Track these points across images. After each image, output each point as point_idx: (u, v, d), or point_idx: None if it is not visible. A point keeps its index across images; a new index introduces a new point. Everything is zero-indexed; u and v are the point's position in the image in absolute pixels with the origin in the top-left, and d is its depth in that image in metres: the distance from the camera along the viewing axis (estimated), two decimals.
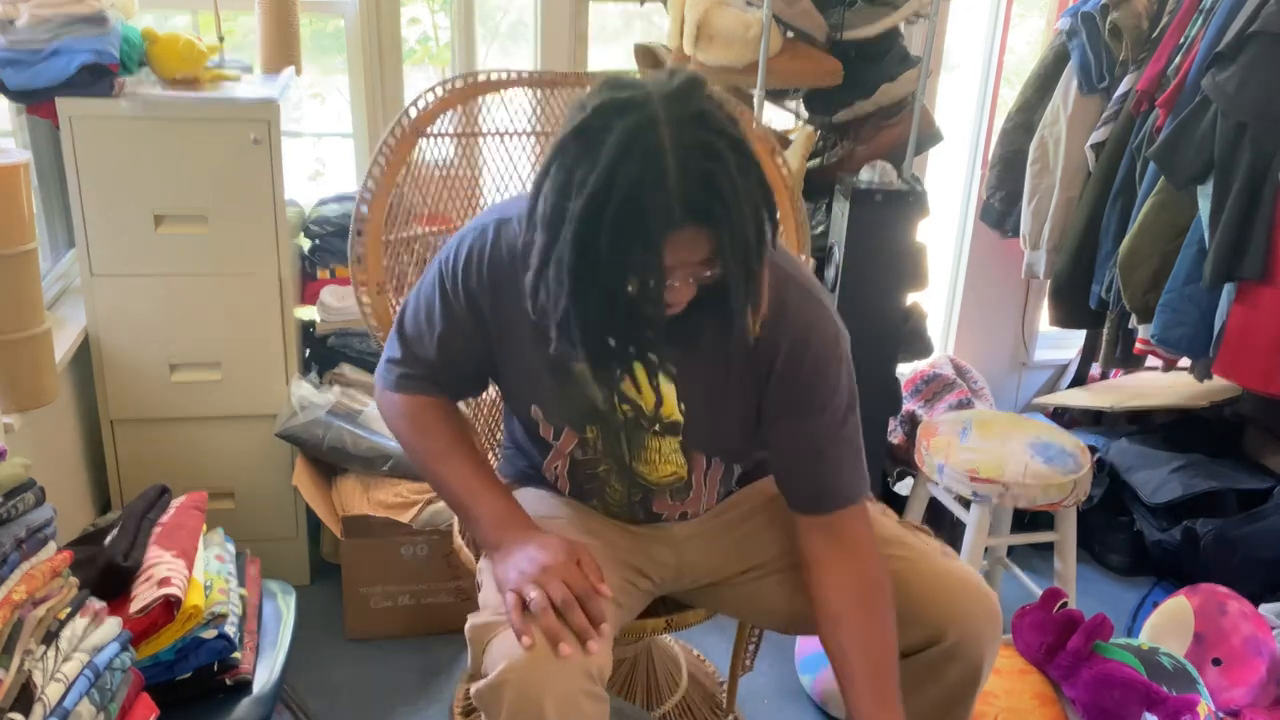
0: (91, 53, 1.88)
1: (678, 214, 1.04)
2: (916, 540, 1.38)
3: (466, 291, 1.30)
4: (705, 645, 2.15)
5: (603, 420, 1.35)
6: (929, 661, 1.30)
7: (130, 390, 2.10)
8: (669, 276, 1.10)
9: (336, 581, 2.19)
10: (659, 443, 1.36)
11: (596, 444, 1.38)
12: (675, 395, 1.31)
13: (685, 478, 1.40)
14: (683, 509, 1.44)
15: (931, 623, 1.29)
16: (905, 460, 2.54)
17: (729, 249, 1.08)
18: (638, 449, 1.37)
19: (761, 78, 2.08)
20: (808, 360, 1.26)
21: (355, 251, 1.60)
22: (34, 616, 1.22)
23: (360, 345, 2.33)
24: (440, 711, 1.99)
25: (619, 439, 1.36)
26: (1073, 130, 2.53)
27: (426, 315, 1.35)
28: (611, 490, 1.43)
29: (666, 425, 1.33)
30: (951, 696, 1.32)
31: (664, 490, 1.41)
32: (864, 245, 2.16)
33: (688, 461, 1.38)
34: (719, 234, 1.07)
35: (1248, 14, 2.03)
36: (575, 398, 1.33)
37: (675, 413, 1.32)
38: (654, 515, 1.44)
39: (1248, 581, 2.27)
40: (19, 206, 1.54)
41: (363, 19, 2.44)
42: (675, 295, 1.13)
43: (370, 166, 1.62)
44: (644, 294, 1.09)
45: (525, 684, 1.13)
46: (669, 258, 1.08)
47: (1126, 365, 2.57)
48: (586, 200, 1.05)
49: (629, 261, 1.06)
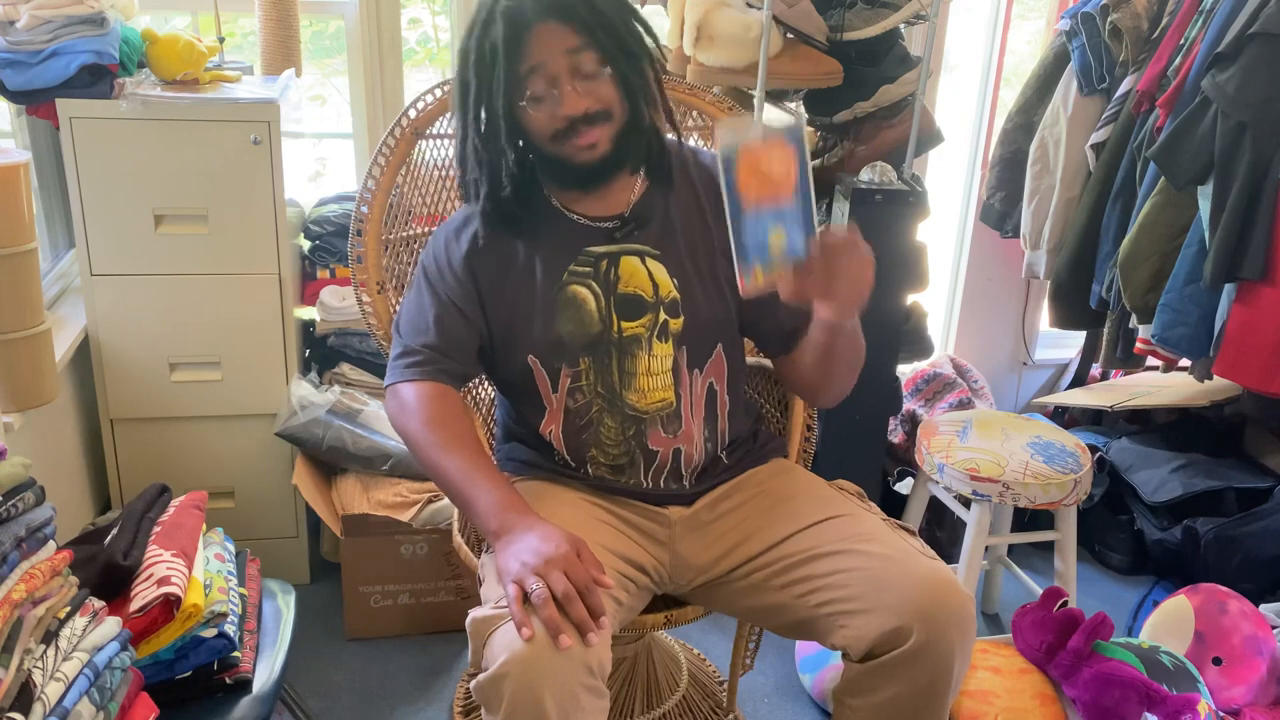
0: (91, 53, 1.89)
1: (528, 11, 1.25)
2: (896, 537, 1.37)
3: (451, 268, 1.43)
4: (705, 645, 2.15)
5: (595, 348, 1.42)
6: (895, 661, 1.28)
7: (130, 390, 2.10)
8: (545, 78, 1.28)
9: (336, 581, 2.19)
10: (649, 364, 1.42)
11: (588, 376, 1.42)
12: (667, 273, 1.43)
13: (674, 403, 1.44)
14: (675, 444, 1.45)
15: (901, 619, 1.27)
16: (906, 460, 2.54)
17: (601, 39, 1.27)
18: (628, 376, 1.42)
19: (762, 79, 2.08)
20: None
21: (355, 251, 1.61)
22: (34, 616, 1.22)
23: (360, 345, 2.33)
24: (440, 711, 1.99)
25: (610, 368, 1.42)
26: (1073, 131, 2.53)
27: (418, 308, 1.45)
28: (606, 430, 1.45)
29: (667, 305, 1.42)
30: (923, 696, 1.30)
31: (655, 420, 1.44)
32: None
33: (676, 385, 1.44)
34: (582, 24, 1.26)
35: (1248, 15, 2.03)
36: (568, 328, 1.41)
37: (671, 289, 1.43)
38: (650, 454, 1.45)
39: (1248, 581, 2.27)
40: (19, 206, 1.54)
41: (363, 20, 2.44)
42: (567, 104, 1.29)
43: (370, 167, 1.62)
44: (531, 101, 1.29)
45: (526, 677, 1.13)
46: (535, 54, 1.27)
47: (1127, 365, 2.57)
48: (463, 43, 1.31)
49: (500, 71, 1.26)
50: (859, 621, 1.30)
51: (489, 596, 1.30)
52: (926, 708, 1.31)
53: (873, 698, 1.31)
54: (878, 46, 2.25)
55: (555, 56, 1.27)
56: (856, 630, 1.30)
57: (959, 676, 1.31)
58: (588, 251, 1.43)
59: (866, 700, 1.33)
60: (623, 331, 1.42)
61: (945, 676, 1.28)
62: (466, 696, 1.96)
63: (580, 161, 1.35)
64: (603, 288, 1.42)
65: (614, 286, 1.42)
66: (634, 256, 1.43)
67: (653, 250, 1.43)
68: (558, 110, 1.30)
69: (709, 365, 1.46)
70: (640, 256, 1.43)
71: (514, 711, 1.14)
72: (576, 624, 1.16)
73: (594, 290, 1.42)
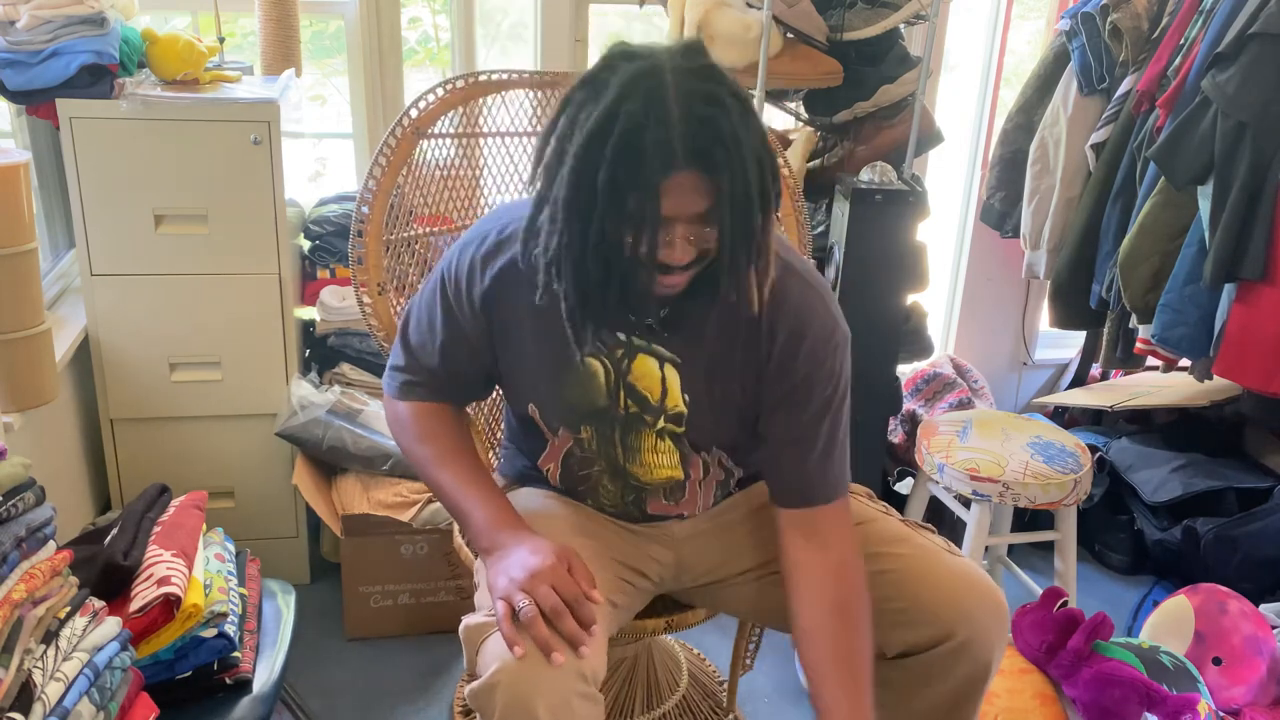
0: (91, 53, 1.89)
1: (678, 155, 1.04)
2: (921, 538, 1.38)
3: (469, 297, 1.31)
4: (705, 645, 2.15)
5: (599, 419, 1.35)
6: (938, 659, 1.29)
7: (130, 389, 2.10)
8: (665, 228, 1.09)
9: (336, 580, 2.19)
10: (655, 443, 1.36)
11: (591, 444, 1.38)
12: (679, 385, 1.32)
13: (682, 480, 1.41)
14: (678, 510, 1.44)
15: (940, 621, 1.29)
16: (905, 460, 2.54)
17: (729, 200, 1.08)
18: (632, 452, 1.37)
19: (762, 78, 2.08)
20: (804, 349, 1.27)
21: (356, 252, 1.61)
22: (34, 616, 1.22)
23: (360, 345, 2.33)
24: (440, 711, 1.99)
25: (614, 440, 1.37)
26: (1073, 131, 2.53)
27: (429, 324, 1.37)
28: (605, 490, 1.43)
29: (671, 416, 1.34)
30: (961, 694, 1.32)
31: (658, 491, 1.41)
32: (864, 245, 2.16)
33: (684, 465, 1.39)
34: (719, 182, 1.06)
35: (1248, 15, 2.03)
36: (574, 395, 1.33)
37: (680, 403, 1.33)
38: (649, 516, 1.44)
39: (1248, 580, 2.27)
40: (19, 206, 1.54)
41: (363, 20, 2.44)
42: (673, 253, 1.12)
43: (371, 167, 1.62)
44: (639, 244, 1.09)
45: (517, 686, 1.13)
46: (666, 205, 1.07)
47: (1127, 365, 2.57)
48: (586, 137, 1.06)
49: (625, 202, 1.07)
50: (897, 622, 1.31)
51: (482, 603, 1.29)
52: (968, 700, 1.32)
53: (911, 694, 1.32)
54: (878, 46, 2.26)
55: (682, 213, 1.09)
56: (896, 632, 1.31)
57: (995, 669, 1.32)
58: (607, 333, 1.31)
59: (902, 697, 1.34)
60: (629, 409, 1.34)
61: (984, 670, 1.30)
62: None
63: (654, 294, 1.20)
64: (615, 370, 1.33)
65: (625, 374, 1.32)
66: (652, 358, 1.32)
67: (674, 358, 1.31)
68: (668, 254, 1.13)
69: (716, 450, 1.41)
70: (660, 361, 1.32)
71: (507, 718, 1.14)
72: (567, 638, 1.15)
73: (606, 368, 1.33)
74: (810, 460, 1.31)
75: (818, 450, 1.31)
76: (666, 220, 1.09)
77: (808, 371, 1.28)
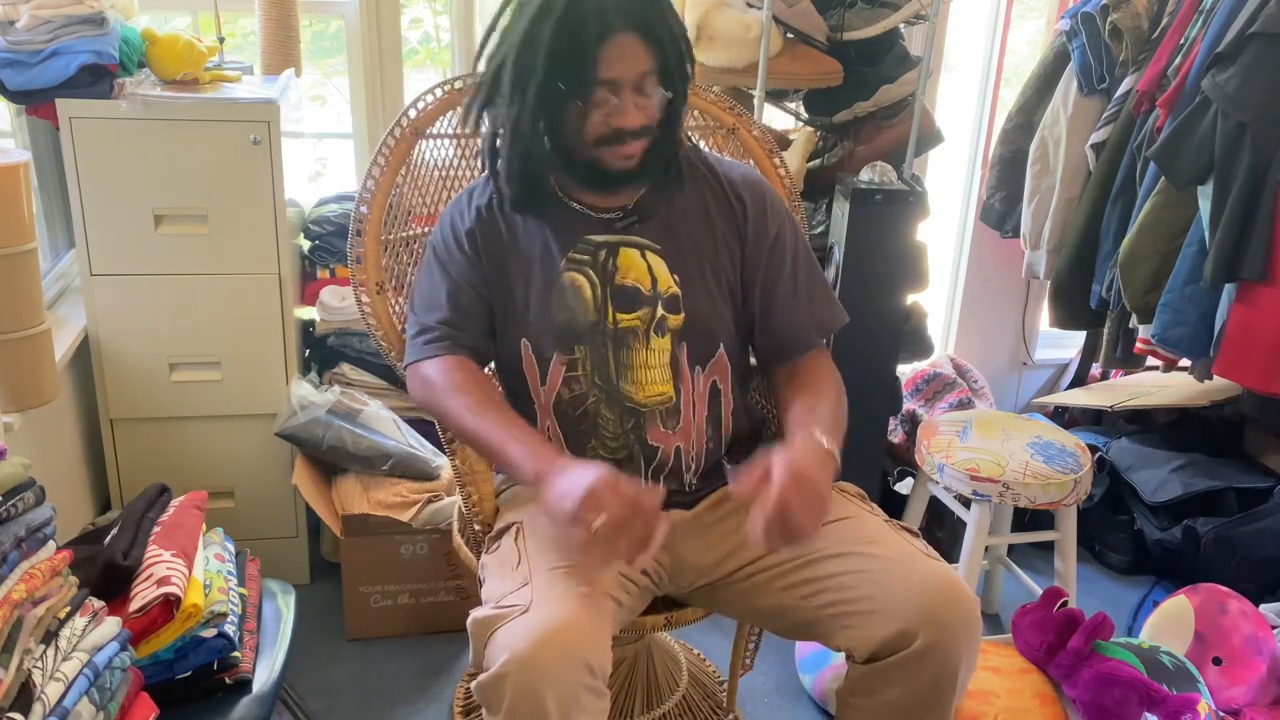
0: (91, 53, 1.89)
1: (616, 20, 1.23)
2: (900, 539, 1.37)
3: (457, 243, 1.45)
4: (705, 645, 2.15)
5: (590, 337, 1.41)
6: (900, 663, 1.28)
7: (130, 390, 2.10)
8: (613, 91, 1.27)
9: (336, 581, 2.19)
10: (647, 357, 1.42)
11: (585, 365, 1.42)
12: (667, 268, 1.43)
13: (673, 398, 1.43)
14: (675, 441, 1.45)
15: (908, 621, 1.27)
16: (905, 460, 2.54)
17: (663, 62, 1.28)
18: (624, 368, 1.42)
19: (762, 78, 2.08)
20: (768, 205, 1.47)
21: (355, 251, 1.60)
22: (33, 616, 1.22)
23: (360, 345, 2.33)
24: (440, 711, 1.99)
25: (607, 358, 1.42)
26: (1073, 131, 2.53)
27: (429, 284, 1.47)
28: (604, 422, 1.44)
29: (666, 300, 1.42)
30: (927, 698, 1.30)
31: (654, 414, 1.43)
32: (864, 245, 2.16)
33: (675, 380, 1.43)
34: (657, 43, 1.26)
35: (1248, 15, 2.03)
36: (563, 314, 1.41)
37: (671, 284, 1.43)
38: (650, 450, 1.44)
39: (1248, 580, 2.27)
40: (19, 206, 1.54)
41: (363, 20, 2.44)
42: (626, 117, 1.29)
43: (370, 167, 1.62)
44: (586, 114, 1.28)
45: (526, 676, 1.13)
46: (612, 68, 1.25)
47: (1127, 365, 2.57)
48: (532, 14, 1.25)
49: (570, 69, 1.24)
50: (865, 623, 1.30)
51: (490, 596, 1.30)
52: (932, 708, 1.31)
53: (878, 698, 1.32)
54: (878, 46, 2.26)
55: (628, 70, 1.27)
56: (862, 632, 1.30)
57: (964, 678, 1.31)
58: (587, 239, 1.43)
59: (871, 701, 1.33)
60: (618, 323, 1.42)
61: (950, 678, 1.29)
62: (467, 696, 1.96)
63: (614, 168, 1.36)
64: (600, 277, 1.42)
65: (611, 277, 1.42)
66: (634, 249, 1.43)
67: (653, 245, 1.43)
68: (612, 120, 1.31)
69: (711, 364, 1.46)
70: (640, 250, 1.43)
71: (515, 711, 1.14)
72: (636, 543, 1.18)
73: (590, 279, 1.42)
74: (799, 305, 1.48)
75: (803, 293, 1.48)
76: (613, 82, 1.26)
77: (779, 224, 1.47)
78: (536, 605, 1.21)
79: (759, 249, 1.46)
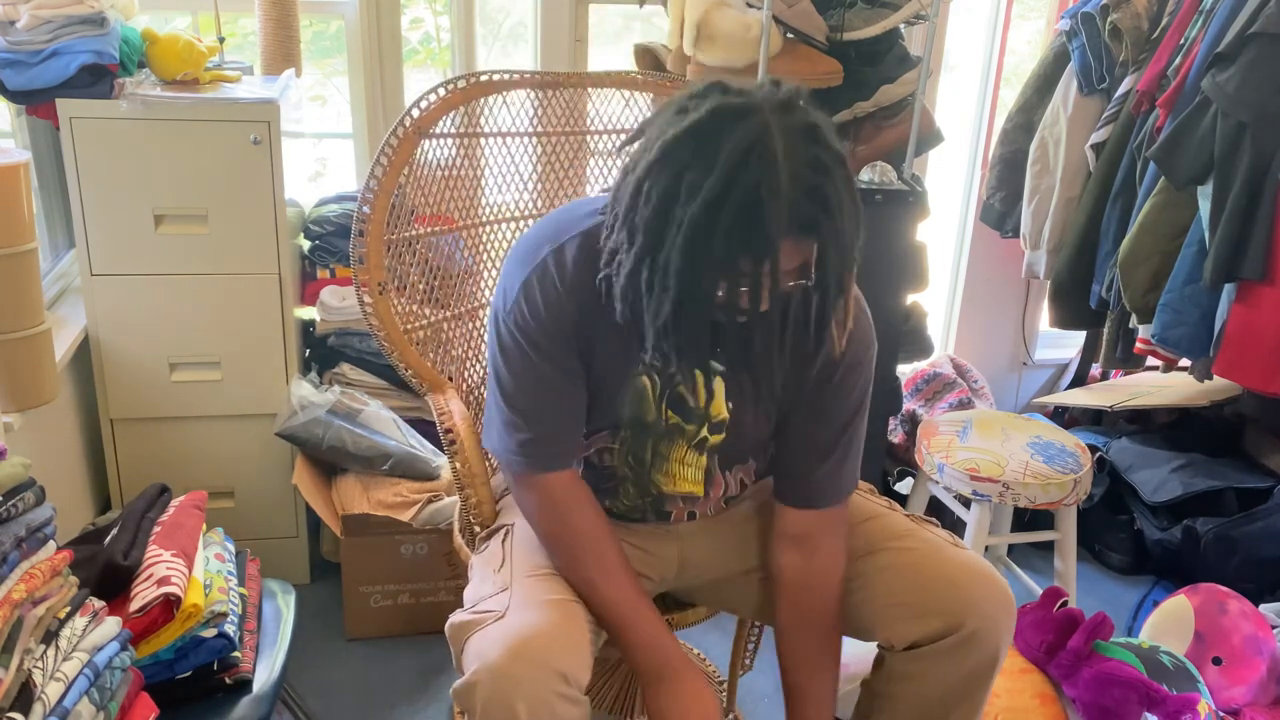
0: (91, 53, 1.89)
1: (788, 224, 1.05)
2: (926, 532, 1.40)
3: (556, 329, 1.27)
4: (705, 645, 2.15)
5: (639, 426, 1.36)
6: (948, 649, 1.31)
7: (130, 389, 2.10)
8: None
9: (336, 580, 2.19)
10: (685, 454, 1.38)
11: (623, 446, 1.38)
12: (724, 393, 1.35)
13: (700, 496, 1.43)
14: (691, 509, 1.46)
15: (949, 611, 1.30)
16: (905, 459, 2.54)
17: (830, 261, 1.11)
18: (660, 459, 1.39)
19: (762, 79, 2.08)
20: (843, 364, 1.31)
21: (357, 251, 1.60)
22: (34, 616, 1.22)
23: (360, 345, 2.33)
24: (440, 710, 1.99)
25: (645, 445, 1.38)
26: (1073, 130, 2.53)
27: (534, 378, 1.29)
28: (624, 494, 1.44)
29: (713, 424, 1.36)
30: (969, 683, 1.33)
31: (676, 500, 1.43)
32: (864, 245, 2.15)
33: (706, 481, 1.42)
34: (823, 245, 1.09)
35: (1248, 15, 2.03)
36: (625, 409, 1.35)
37: (723, 410, 1.36)
38: (663, 515, 1.45)
39: (1248, 580, 2.27)
40: (19, 206, 1.54)
41: (363, 20, 2.44)
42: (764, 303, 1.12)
43: (372, 166, 1.62)
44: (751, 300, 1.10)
45: (497, 684, 1.13)
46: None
47: (1127, 365, 2.57)
48: (702, 204, 1.04)
49: (740, 267, 1.07)
50: (906, 615, 1.32)
51: (468, 599, 1.30)
52: (973, 692, 1.34)
53: (921, 684, 1.34)
54: (878, 46, 2.25)
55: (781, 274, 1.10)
56: (904, 624, 1.32)
57: (1002, 660, 1.34)
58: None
59: (913, 687, 1.35)
60: (669, 419, 1.36)
61: (991, 661, 1.32)
62: None
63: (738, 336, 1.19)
64: (662, 380, 1.34)
65: (672, 381, 1.33)
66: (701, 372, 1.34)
67: (722, 370, 1.34)
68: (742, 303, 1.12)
69: (740, 467, 1.46)
70: (708, 374, 1.34)
71: (487, 718, 1.14)
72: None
73: (654, 381, 1.34)
74: (827, 467, 1.35)
75: (835, 458, 1.36)
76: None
77: (842, 383, 1.33)
78: (512, 612, 1.21)
79: (821, 393, 1.33)
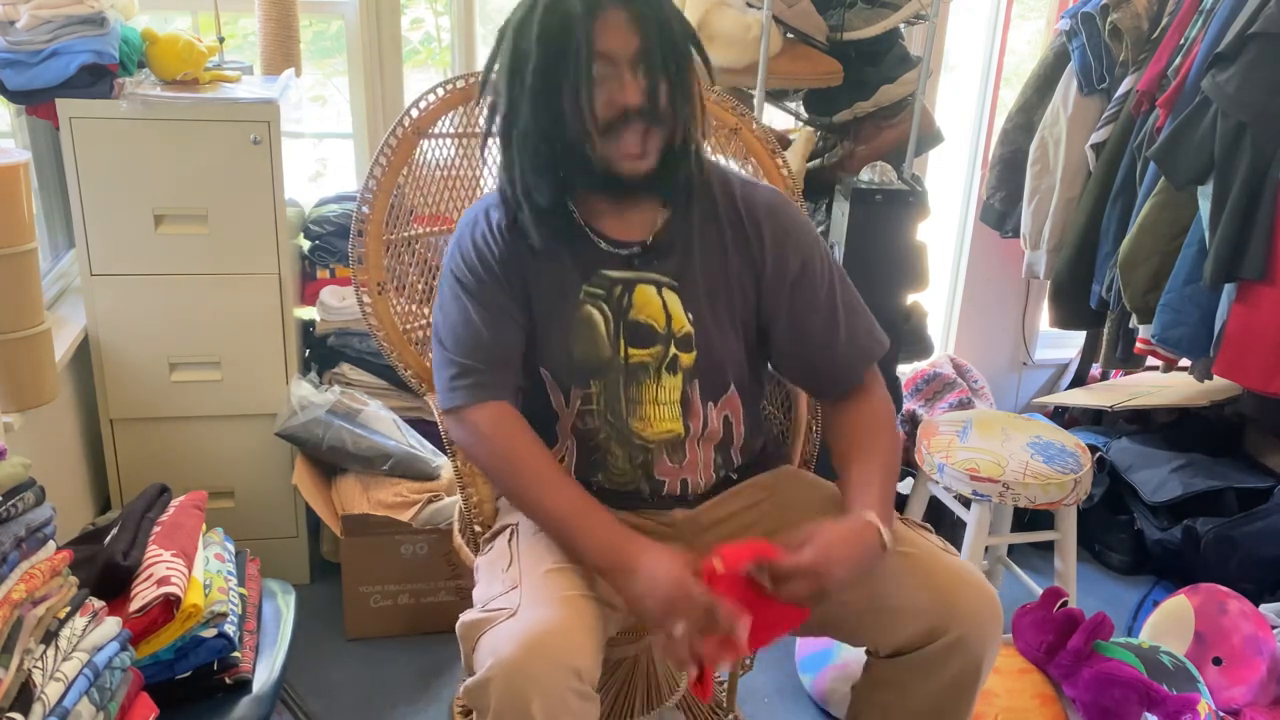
0: (91, 53, 1.89)
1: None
2: (918, 537, 1.39)
3: (485, 268, 1.37)
4: None
5: (605, 371, 1.39)
6: (931, 656, 1.30)
7: (130, 389, 2.10)
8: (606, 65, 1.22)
9: (336, 581, 2.19)
10: (657, 393, 1.39)
11: (599, 400, 1.40)
12: (681, 306, 1.38)
13: (681, 435, 1.42)
14: (682, 474, 1.45)
15: (934, 617, 1.29)
16: (905, 459, 2.54)
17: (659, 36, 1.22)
18: (634, 404, 1.40)
19: (762, 78, 2.08)
20: (791, 238, 1.39)
21: (356, 251, 1.61)
22: (33, 616, 1.22)
23: (360, 345, 2.33)
24: (440, 711, 1.99)
25: (619, 395, 1.40)
26: (1073, 130, 2.53)
27: (460, 317, 1.38)
28: (613, 458, 1.44)
29: (679, 339, 1.38)
30: (953, 691, 1.32)
31: (661, 449, 1.42)
32: (864, 245, 2.16)
33: (684, 416, 1.41)
34: (646, 20, 1.22)
35: (1248, 15, 2.03)
36: (579, 349, 1.38)
37: (685, 323, 1.39)
38: (657, 483, 1.44)
39: (1248, 581, 2.27)
40: (19, 206, 1.54)
41: (363, 20, 2.44)
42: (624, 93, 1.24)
43: (372, 166, 1.62)
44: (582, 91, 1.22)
45: (511, 681, 1.13)
46: (602, 40, 1.21)
47: (1127, 365, 2.57)
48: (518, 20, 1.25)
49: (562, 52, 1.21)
50: (892, 620, 1.32)
51: (479, 598, 1.30)
52: (958, 701, 1.33)
53: (904, 691, 1.33)
54: (878, 46, 2.26)
55: (622, 45, 1.22)
56: (890, 629, 1.32)
57: (988, 670, 1.33)
58: (602, 274, 1.38)
59: (897, 695, 1.34)
60: (629, 358, 1.38)
61: (975, 670, 1.31)
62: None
63: (624, 171, 1.28)
64: (614, 312, 1.38)
65: (625, 312, 1.38)
66: (650, 285, 1.38)
67: (670, 281, 1.38)
68: (616, 96, 1.24)
69: (724, 400, 1.44)
70: (657, 286, 1.38)
71: (501, 717, 1.14)
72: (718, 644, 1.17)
73: (605, 314, 1.38)
74: (839, 339, 1.41)
75: (842, 325, 1.41)
76: (608, 57, 1.22)
77: (804, 256, 1.40)
78: (524, 609, 1.21)
79: (779, 285, 1.40)
